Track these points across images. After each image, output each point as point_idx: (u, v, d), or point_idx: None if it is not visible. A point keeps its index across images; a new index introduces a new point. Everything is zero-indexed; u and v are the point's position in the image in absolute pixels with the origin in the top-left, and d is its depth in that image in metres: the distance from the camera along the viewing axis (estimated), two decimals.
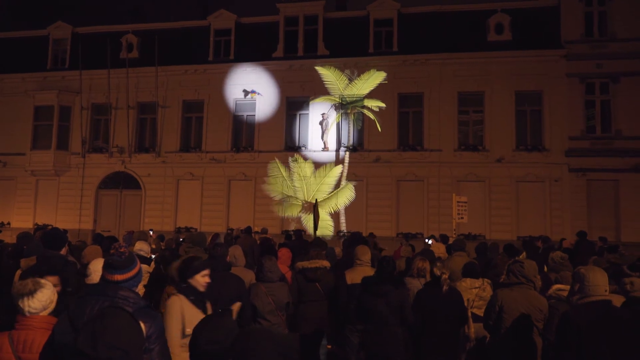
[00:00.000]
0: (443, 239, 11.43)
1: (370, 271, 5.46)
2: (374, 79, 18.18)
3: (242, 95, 20.06)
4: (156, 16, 23.28)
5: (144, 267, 5.11)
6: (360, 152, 18.83)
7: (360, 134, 19.14)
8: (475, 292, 5.43)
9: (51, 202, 21.16)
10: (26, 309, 2.76)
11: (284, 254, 6.69)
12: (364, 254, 5.73)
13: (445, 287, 4.73)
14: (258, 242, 11.68)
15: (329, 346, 6.36)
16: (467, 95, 18.51)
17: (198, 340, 2.07)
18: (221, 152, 19.88)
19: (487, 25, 18.63)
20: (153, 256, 6.98)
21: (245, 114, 20.26)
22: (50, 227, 14.39)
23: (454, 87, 18.42)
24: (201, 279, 3.74)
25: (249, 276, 5.21)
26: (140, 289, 3.94)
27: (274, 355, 1.81)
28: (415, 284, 5.52)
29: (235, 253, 5.47)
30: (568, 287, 3.95)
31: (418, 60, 18.66)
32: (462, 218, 15.12)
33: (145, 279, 5.57)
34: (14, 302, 2.84)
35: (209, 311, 3.67)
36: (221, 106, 20.16)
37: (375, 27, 19.44)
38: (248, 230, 13.19)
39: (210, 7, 22.32)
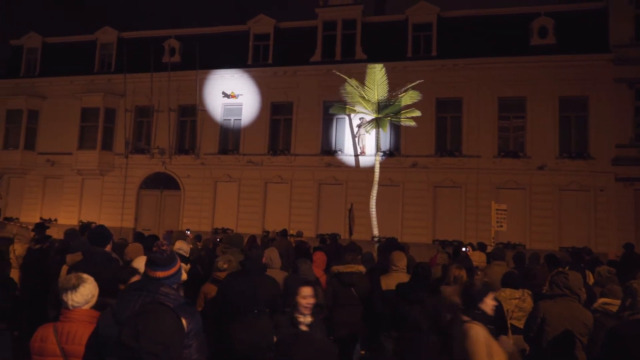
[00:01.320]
0: (481, 247, 11.18)
1: (405, 277, 5.40)
2: (409, 96, 16.90)
3: (279, 98, 20.26)
4: (197, 21, 23.82)
5: (183, 265, 5.22)
6: (396, 157, 18.68)
7: (396, 138, 19.00)
8: (515, 302, 5.28)
9: (95, 201, 21.93)
10: (70, 302, 2.86)
11: (319, 257, 6.70)
12: (400, 260, 5.67)
13: None
14: (293, 245, 11.74)
15: (363, 352, 6.33)
16: (507, 101, 18.08)
17: (235, 342, 2.10)
18: (258, 154, 20.13)
19: (530, 28, 18.16)
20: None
21: (282, 117, 20.45)
22: (94, 224, 14.90)
23: (494, 92, 18.03)
24: (490, 302, 3.57)
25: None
26: None
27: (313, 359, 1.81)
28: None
29: (271, 255, 5.51)
30: (615, 301, 3.79)
31: (457, 65, 18.38)
32: (501, 226, 14.76)
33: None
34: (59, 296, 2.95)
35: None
36: (259, 109, 20.42)
37: (414, 32, 19.28)
38: (284, 232, 13.30)
39: (249, 13, 22.69)
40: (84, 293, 2.90)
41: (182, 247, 6.58)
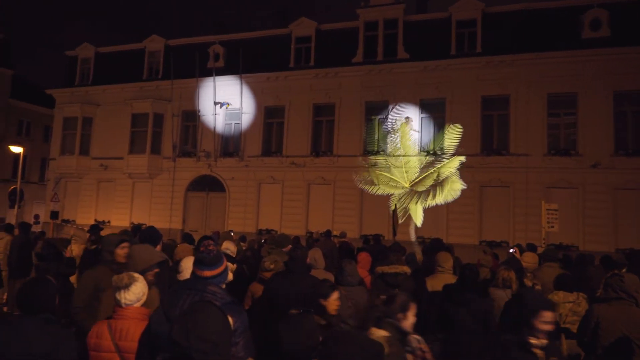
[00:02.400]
0: (531, 248, 10.80)
1: (452, 279, 5.29)
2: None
3: (321, 99, 20.34)
4: (240, 26, 24.28)
5: (229, 265, 5.33)
6: (441, 157, 18.32)
7: (441, 137, 18.63)
8: (569, 306, 5.07)
9: (145, 203, 22.73)
10: (123, 300, 2.98)
11: (364, 258, 6.67)
12: (446, 260, 5.57)
13: None
14: (337, 245, 11.75)
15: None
16: (557, 97, 17.42)
17: (281, 341, 2.13)
18: (301, 156, 20.28)
19: (581, 21, 17.43)
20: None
21: (324, 118, 20.52)
22: (144, 225, 15.46)
23: (543, 89, 17.41)
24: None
25: (329, 279, 5.23)
26: None
27: (361, 359, 1.81)
28: (501, 295, 5.27)
29: (315, 255, 5.53)
30: None
31: (504, 62, 17.87)
32: (552, 227, 14.22)
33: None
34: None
35: None
36: (301, 111, 20.59)
37: (458, 29, 18.90)
38: (327, 233, 13.33)
39: (290, 15, 22.93)
40: (136, 291, 3.02)
41: (229, 247, 6.72)
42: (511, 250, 9.94)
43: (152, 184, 22.75)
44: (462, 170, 17.94)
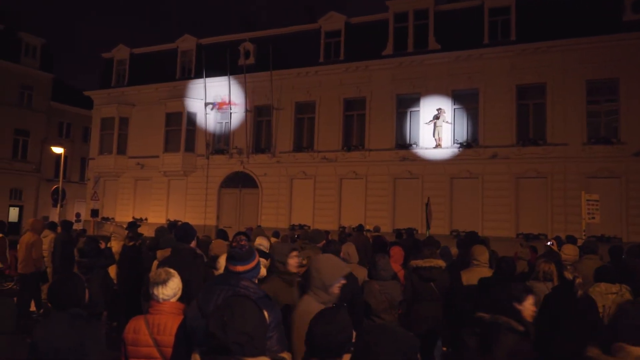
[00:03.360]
0: (571, 240, 10.47)
1: (487, 272, 5.19)
2: None
3: (352, 94, 20.25)
4: (269, 23, 24.40)
5: (262, 260, 5.37)
6: (474, 148, 18.00)
7: (474, 129, 18.31)
8: (612, 298, 4.88)
9: (180, 200, 23.22)
10: (160, 296, 3.05)
11: (397, 252, 6.62)
12: (482, 254, 5.47)
13: (579, 292, 4.32)
14: (370, 240, 11.69)
15: (445, 348, 6.17)
16: (597, 83, 16.79)
17: (314, 334, 2.13)
18: (332, 151, 20.26)
19: (622, 4, 16.70)
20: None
21: (355, 113, 20.43)
22: (180, 222, 15.78)
23: (582, 75, 16.80)
24: None
25: (362, 273, 5.22)
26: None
27: (396, 353, 1.79)
28: (542, 288, 5.12)
29: (349, 250, 5.52)
30: None
31: (539, 49, 17.34)
32: (593, 218, 13.73)
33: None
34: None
35: None
36: (332, 106, 20.55)
37: (491, 17, 18.44)
38: (360, 228, 13.28)
39: (318, 10, 22.89)
40: (173, 287, 3.09)
41: (262, 242, 6.77)
42: (548, 243, 9.67)
43: (187, 182, 23.19)
44: (497, 161, 17.61)
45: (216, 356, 1.80)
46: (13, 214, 29.69)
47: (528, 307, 3.16)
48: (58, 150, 24.10)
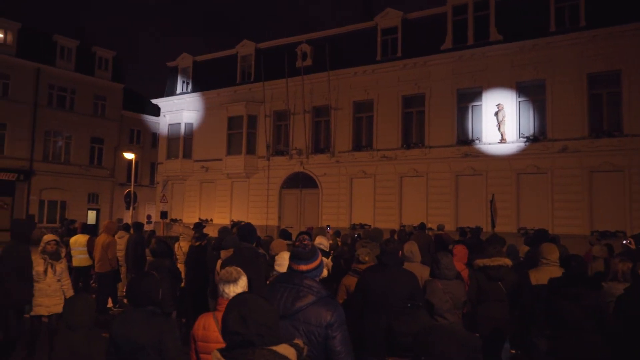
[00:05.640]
0: None
1: (558, 271, 4.93)
2: None
3: (410, 90, 19.94)
4: (325, 23, 24.58)
5: (324, 260, 5.41)
6: (542, 142, 17.18)
7: (542, 122, 17.47)
8: None
9: (243, 201, 23.85)
10: (231, 294, 3.15)
11: (460, 250, 6.45)
12: (551, 252, 5.20)
13: None
14: (432, 238, 11.48)
15: (513, 351, 5.94)
16: None
17: (394, 333, 2.14)
18: (392, 149, 20.05)
19: None
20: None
21: (414, 110, 20.10)
22: (243, 223, 16.21)
23: None
24: None
25: (425, 272, 5.13)
26: None
27: (457, 353, 1.76)
28: (619, 289, 4.80)
29: (412, 248, 5.44)
30: None
31: (612, 34, 16.25)
32: None
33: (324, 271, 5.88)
34: (217, 287, 3.26)
35: None
36: (390, 104, 20.34)
37: (557, 3, 17.50)
38: (422, 226, 13.06)
39: (375, 7, 22.69)
40: (242, 285, 3.18)
41: (322, 242, 6.83)
42: (625, 242, 9.07)
43: (249, 183, 23.78)
44: (567, 155, 16.70)
45: (238, 350, 1.87)
46: (91, 216, 31.74)
47: None
48: (129, 156, 25.49)
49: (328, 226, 17.47)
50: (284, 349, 1.88)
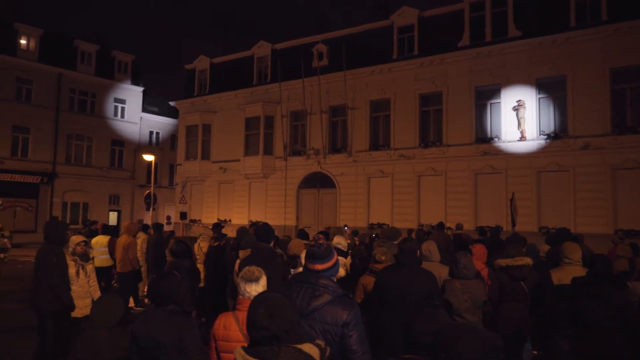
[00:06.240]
0: None
1: (581, 271, 4.84)
2: None
3: (427, 89, 19.79)
4: (341, 23, 24.57)
5: (341, 259, 5.40)
6: (563, 139, 16.88)
7: (563, 118, 17.17)
8: None
9: (261, 202, 23.97)
10: (253, 293, 3.16)
11: (479, 250, 6.36)
12: (574, 252, 5.10)
13: None
14: (451, 237, 11.37)
15: (535, 352, 5.84)
16: None
17: (413, 332, 2.14)
18: (409, 148, 19.92)
19: None
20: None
21: (431, 108, 19.94)
22: (261, 223, 16.29)
23: None
24: None
25: (444, 272, 5.08)
26: None
27: (478, 353, 1.73)
28: None
29: (430, 248, 5.40)
30: None
31: (635, 27, 15.87)
32: None
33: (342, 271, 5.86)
34: (237, 287, 3.28)
35: None
36: (407, 102, 20.21)
37: None
38: (440, 225, 12.95)
39: (391, 6, 22.59)
40: (264, 284, 3.21)
41: (340, 241, 6.82)
42: None
43: (267, 183, 23.88)
44: (590, 152, 16.38)
45: (263, 347, 1.90)
46: (112, 218, 32.26)
47: None
48: (149, 158, 25.85)
49: (345, 225, 17.44)
50: (308, 347, 1.90)
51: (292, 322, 1.96)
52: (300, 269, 4.59)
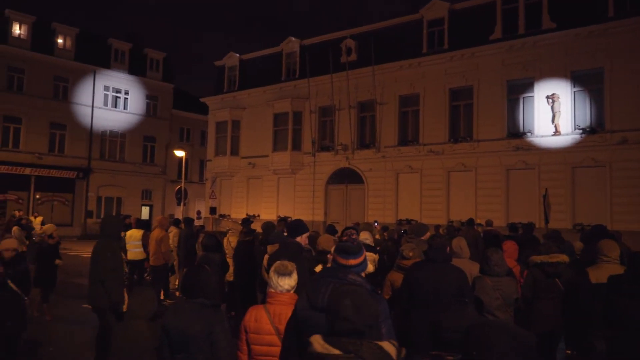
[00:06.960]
0: None
1: (619, 269, 4.67)
2: None
3: (458, 83, 19.46)
4: (370, 17, 24.40)
5: (369, 254, 5.39)
6: (600, 133, 16.35)
7: (599, 112, 16.63)
8: None
9: (289, 197, 24.09)
10: (285, 287, 3.19)
11: (510, 246, 6.24)
12: (612, 249, 4.94)
13: None
14: (481, 234, 11.20)
15: (568, 351, 5.70)
16: None
17: (441, 329, 2.12)
18: (439, 143, 19.66)
19: None
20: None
21: (461, 102, 19.62)
22: (290, 218, 16.39)
23: None
24: None
25: (474, 268, 5.01)
26: None
27: (510, 351, 1.70)
28: None
29: (460, 244, 5.33)
30: None
31: None
32: None
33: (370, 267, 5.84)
34: (267, 281, 3.30)
35: None
36: (436, 97, 19.93)
37: None
38: (470, 222, 12.76)
39: (421, 0, 22.27)
40: (296, 278, 3.24)
41: (367, 237, 6.80)
42: None
43: (295, 179, 23.97)
44: (628, 147, 15.82)
45: (345, 339, 1.88)
46: (145, 212, 33.00)
47: None
48: (180, 153, 26.28)
49: (376, 221, 17.35)
50: (387, 346, 1.90)
51: (374, 318, 1.97)
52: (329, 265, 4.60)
